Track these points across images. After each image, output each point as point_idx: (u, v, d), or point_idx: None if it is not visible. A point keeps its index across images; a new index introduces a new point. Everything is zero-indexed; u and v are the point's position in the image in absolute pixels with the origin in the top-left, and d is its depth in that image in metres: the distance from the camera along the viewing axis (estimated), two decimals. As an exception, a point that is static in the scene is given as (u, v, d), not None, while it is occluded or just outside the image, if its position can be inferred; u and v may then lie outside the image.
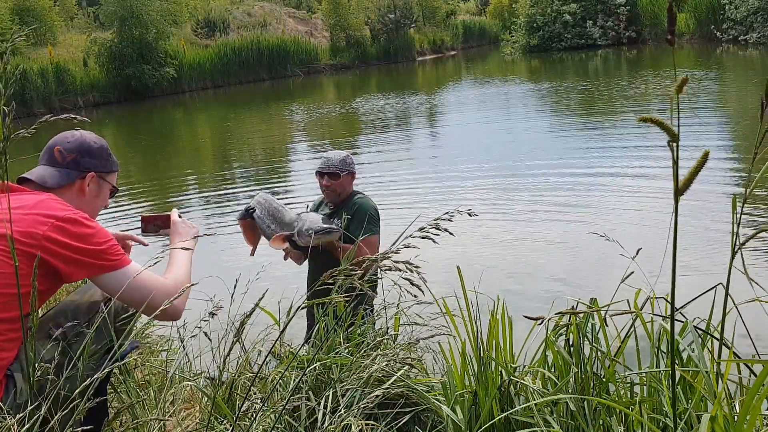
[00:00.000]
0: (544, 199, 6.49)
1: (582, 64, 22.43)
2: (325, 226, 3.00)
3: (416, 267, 1.39)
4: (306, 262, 3.37)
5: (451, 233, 1.53)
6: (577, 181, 7.07)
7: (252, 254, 3.30)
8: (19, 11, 23.58)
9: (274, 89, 24.11)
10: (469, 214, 1.64)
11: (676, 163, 1.03)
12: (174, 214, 2.16)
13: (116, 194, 2.03)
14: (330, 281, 1.43)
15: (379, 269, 1.46)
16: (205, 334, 1.97)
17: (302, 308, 1.54)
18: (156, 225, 2.20)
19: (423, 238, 1.49)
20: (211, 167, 10.83)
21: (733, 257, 1.23)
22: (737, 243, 1.26)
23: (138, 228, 2.25)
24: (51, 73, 21.17)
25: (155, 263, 1.74)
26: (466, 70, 26.27)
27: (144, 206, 7.76)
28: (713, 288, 1.66)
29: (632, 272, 1.92)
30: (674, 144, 1.01)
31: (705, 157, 1.02)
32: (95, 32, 25.28)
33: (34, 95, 20.51)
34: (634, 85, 14.34)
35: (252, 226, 3.23)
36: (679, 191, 1.02)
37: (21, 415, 1.32)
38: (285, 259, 3.33)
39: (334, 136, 12.48)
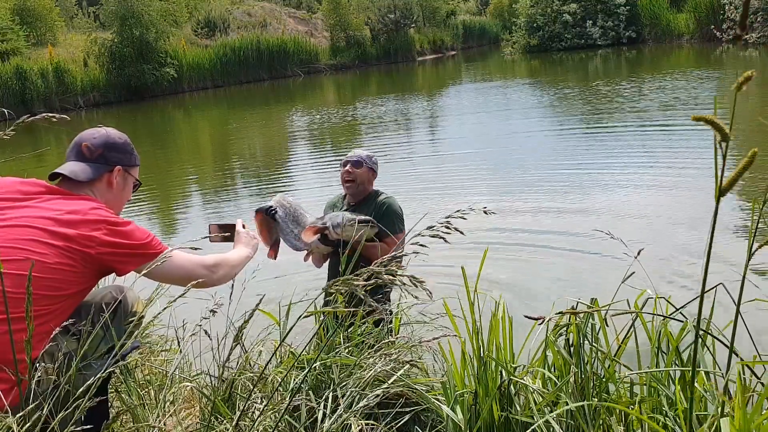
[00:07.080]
0: (545, 198, 6.48)
1: (582, 64, 22.43)
2: (364, 217, 2.90)
3: (421, 281, 1.37)
4: (325, 265, 3.25)
5: (461, 232, 1.52)
6: (578, 180, 7.06)
7: (272, 257, 3.05)
8: (20, 11, 23.59)
9: (274, 89, 24.09)
10: (485, 212, 1.64)
11: (723, 162, 1.01)
12: (239, 224, 2.47)
13: (139, 187, 2.15)
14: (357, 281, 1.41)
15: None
16: (206, 332, 1.97)
17: (331, 305, 1.53)
18: (223, 233, 2.54)
19: (433, 236, 1.48)
20: (211, 167, 10.83)
21: (749, 257, 1.23)
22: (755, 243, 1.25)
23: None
24: (51, 73, 21.16)
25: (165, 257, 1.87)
26: (467, 70, 26.26)
27: (144, 204, 7.75)
28: (714, 288, 1.66)
29: (633, 272, 1.92)
30: (725, 144, 1.00)
31: (752, 158, 1.00)
32: (95, 32, 25.30)
33: (34, 95, 20.52)
34: (633, 85, 14.33)
35: (268, 225, 3.02)
36: (721, 192, 1.01)
37: (20, 413, 1.34)
38: (305, 260, 3.18)
39: (335, 136, 12.47)
